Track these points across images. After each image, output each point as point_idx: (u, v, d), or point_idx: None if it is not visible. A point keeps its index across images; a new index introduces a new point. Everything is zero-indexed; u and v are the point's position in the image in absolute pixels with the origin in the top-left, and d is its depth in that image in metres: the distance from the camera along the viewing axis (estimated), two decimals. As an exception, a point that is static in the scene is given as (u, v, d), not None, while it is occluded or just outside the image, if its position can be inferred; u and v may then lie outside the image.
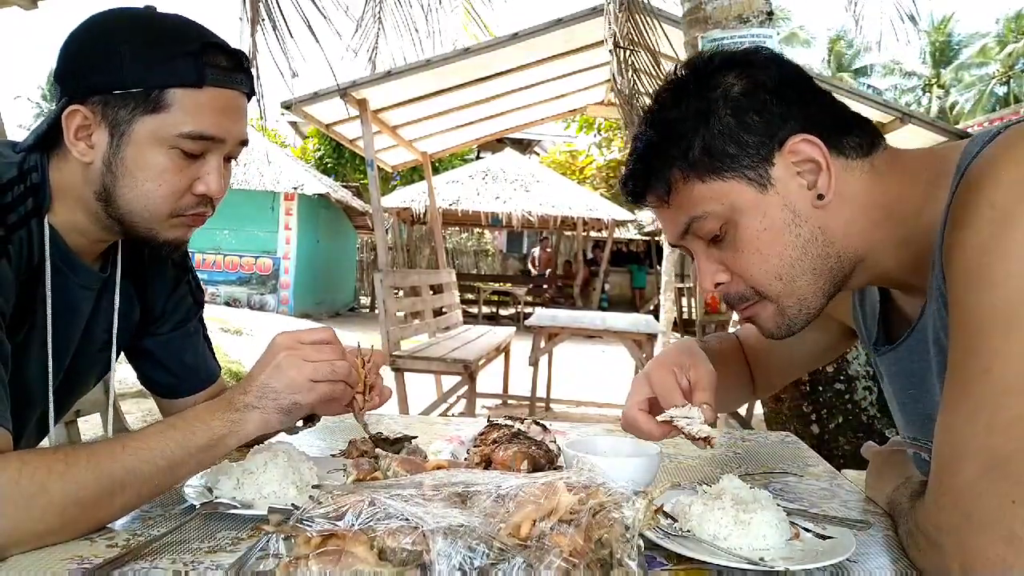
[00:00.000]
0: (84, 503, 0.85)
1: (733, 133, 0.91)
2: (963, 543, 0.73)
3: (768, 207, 0.91)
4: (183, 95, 0.98)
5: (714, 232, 0.95)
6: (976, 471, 0.73)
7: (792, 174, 0.91)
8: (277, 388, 0.95)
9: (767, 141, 0.91)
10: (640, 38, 4.49)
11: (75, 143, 1.00)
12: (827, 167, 0.90)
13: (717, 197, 0.93)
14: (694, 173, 0.93)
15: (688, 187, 0.94)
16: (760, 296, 0.96)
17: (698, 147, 0.92)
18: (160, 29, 1.01)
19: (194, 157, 1.02)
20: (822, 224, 0.92)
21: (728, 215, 0.93)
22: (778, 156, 0.91)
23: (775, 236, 0.92)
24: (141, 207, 1.02)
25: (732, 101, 0.92)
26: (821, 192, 0.91)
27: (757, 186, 0.91)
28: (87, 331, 1.14)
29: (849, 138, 0.93)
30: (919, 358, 0.96)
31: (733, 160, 0.91)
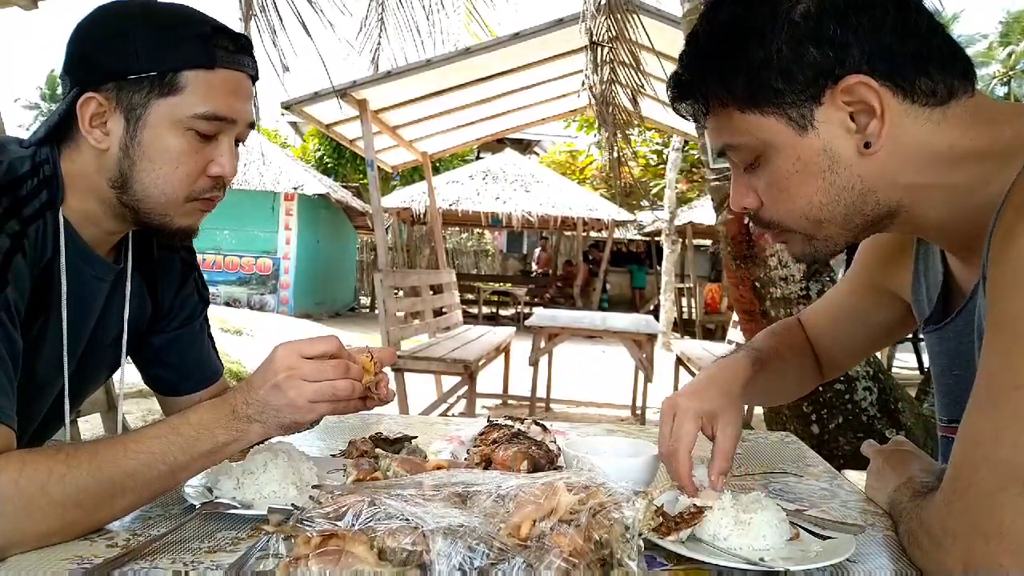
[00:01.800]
0: (84, 505, 0.85)
1: (784, 66, 0.82)
2: (969, 549, 0.72)
3: (804, 150, 0.85)
4: (196, 77, 1.00)
5: (746, 162, 0.90)
6: (994, 484, 0.72)
7: (842, 115, 0.83)
8: (277, 407, 0.93)
9: (820, 78, 0.82)
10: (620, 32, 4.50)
11: (90, 131, 1.01)
12: (882, 114, 0.82)
13: (753, 130, 0.87)
14: (733, 102, 0.86)
15: (725, 113, 0.88)
16: (787, 228, 0.92)
17: (743, 76, 0.84)
18: (169, 14, 1.03)
19: (207, 139, 1.03)
20: (864, 172, 0.85)
21: (762, 150, 0.87)
22: (829, 94, 0.82)
23: (806, 179, 0.86)
24: (158, 191, 1.03)
25: (792, 26, 0.82)
26: (869, 140, 0.83)
27: (797, 127, 0.84)
28: (100, 324, 1.15)
29: (924, 80, 0.82)
30: (967, 339, 0.92)
31: (777, 96, 0.83)
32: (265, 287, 14.03)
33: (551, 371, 6.55)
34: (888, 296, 1.17)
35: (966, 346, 0.93)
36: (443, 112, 6.43)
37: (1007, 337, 0.74)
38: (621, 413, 6.50)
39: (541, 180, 14.94)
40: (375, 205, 5.63)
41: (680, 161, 12.40)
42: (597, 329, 6.06)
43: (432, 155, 7.82)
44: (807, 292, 3.08)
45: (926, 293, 1.06)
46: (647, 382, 5.62)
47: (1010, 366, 0.73)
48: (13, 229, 0.95)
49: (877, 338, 1.29)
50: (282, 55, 4.02)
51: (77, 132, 1.02)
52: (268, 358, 0.95)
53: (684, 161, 13.99)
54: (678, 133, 8.93)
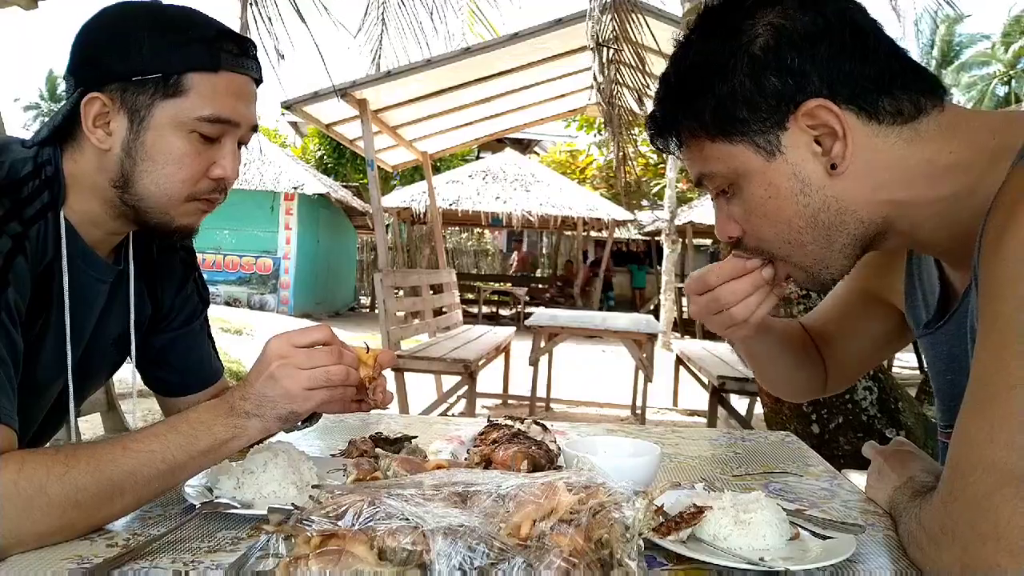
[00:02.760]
0: (83, 505, 0.85)
1: (747, 96, 0.86)
2: (967, 550, 0.73)
3: (774, 176, 0.88)
4: (200, 79, 1.01)
5: (722, 188, 0.93)
6: (991, 485, 0.72)
7: (807, 139, 0.86)
8: (273, 398, 0.93)
9: (782, 105, 0.85)
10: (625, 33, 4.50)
11: (93, 131, 1.02)
12: (843, 135, 0.84)
13: (723, 159, 0.90)
14: (702, 131, 0.90)
15: (697, 143, 0.92)
16: (772, 256, 0.94)
17: (710, 107, 0.88)
18: (174, 17, 1.04)
19: (210, 141, 1.04)
20: (837, 192, 0.87)
21: (734, 177, 0.90)
22: (792, 120, 0.85)
23: (781, 204, 0.88)
24: (160, 192, 1.04)
25: (752, 59, 0.85)
26: (835, 161, 0.85)
27: (765, 153, 0.87)
28: (100, 325, 1.15)
29: (887, 100, 0.85)
30: (959, 342, 0.92)
31: (743, 124, 0.87)
32: (265, 287, 14.03)
33: (551, 371, 6.54)
34: (882, 306, 1.16)
35: (959, 349, 0.93)
36: (443, 112, 6.44)
37: (999, 338, 0.75)
38: (621, 413, 6.50)
39: (541, 180, 14.94)
40: (375, 205, 5.64)
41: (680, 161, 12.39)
42: (597, 329, 6.06)
43: (432, 155, 7.82)
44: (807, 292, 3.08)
45: (922, 299, 1.06)
46: (647, 382, 5.62)
47: (1003, 367, 0.73)
48: (15, 230, 0.96)
49: (875, 347, 1.26)
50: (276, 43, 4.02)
51: (80, 132, 1.03)
52: (261, 352, 0.96)
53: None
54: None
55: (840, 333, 1.24)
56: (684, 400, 6.74)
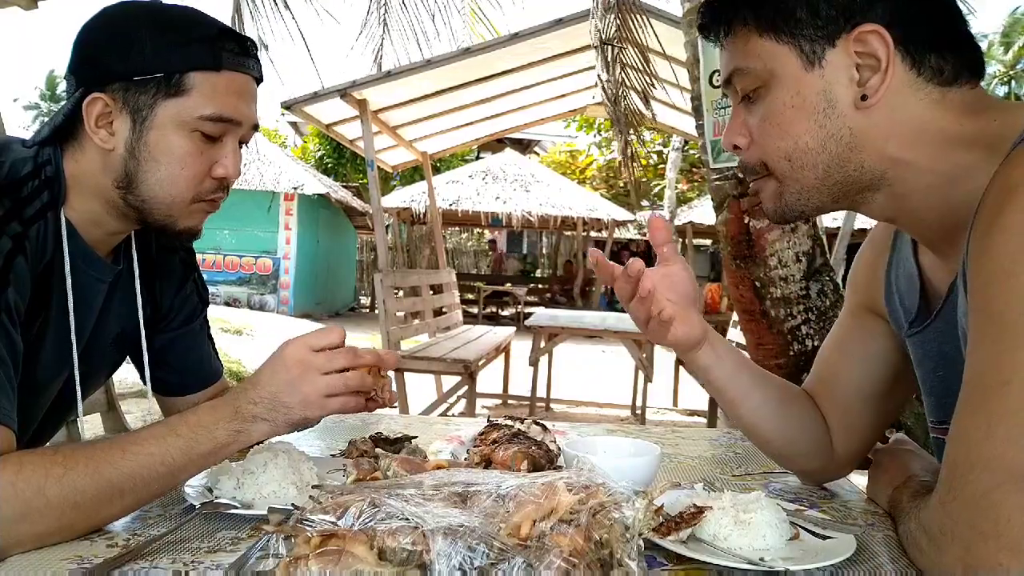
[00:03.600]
0: (82, 506, 0.84)
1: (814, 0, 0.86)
2: (968, 549, 0.72)
3: (805, 86, 0.87)
4: (202, 79, 1.01)
5: (748, 90, 0.92)
6: (989, 482, 0.71)
7: (849, 62, 0.86)
8: (289, 404, 0.93)
9: (840, 19, 0.85)
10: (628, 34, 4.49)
11: (96, 131, 1.02)
12: (885, 70, 0.84)
13: (763, 56, 0.89)
14: (755, 24, 0.89)
15: (744, 35, 0.91)
16: (767, 172, 0.94)
17: (774, 1, 0.88)
18: (175, 16, 1.04)
19: (212, 140, 1.04)
20: (855, 126, 0.87)
21: (765, 79, 0.90)
22: (843, 39, 0.85)
23: (798, 117, 0.88)
24: (164, 192, 1.04)
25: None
26: (866, 93, 0.85)
27: (805, 61, 0.87)
28: (99, 325, 1.14)
29: (934, 57, 0.85)
30: (949, 339, 0.91)
31: (796, 25, 0.87)
32: (265, 287, 14.04)
33: (551, 371, 6.55)
34: (874, 319, 1.12)
35: (948, 346, 0.92)
36: (443, 112, 6.44)
37: (993, 333, 0.74)
38: (621, 413, 6.50)
39: (541, 180, 14.95)
40: (375, 205, 5.64)
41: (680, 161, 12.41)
42: (597, 329, 6.06)
43: (432, 155, 7.82)
44: (807, 292, 3.08)
45: (899, 301, 1.05)
46: (647, 382, 5.62)
47: (997, 362, 0.73)
48: (15, 230, 0.95)
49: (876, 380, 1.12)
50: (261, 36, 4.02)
51: (82, 132, 1.03)
52: (277, 356, 0.94)
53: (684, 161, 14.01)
54: (678, 133, 8.93)
55: (840, 357, 1.15)
56: (684, 400, 6.74)
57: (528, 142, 22.93)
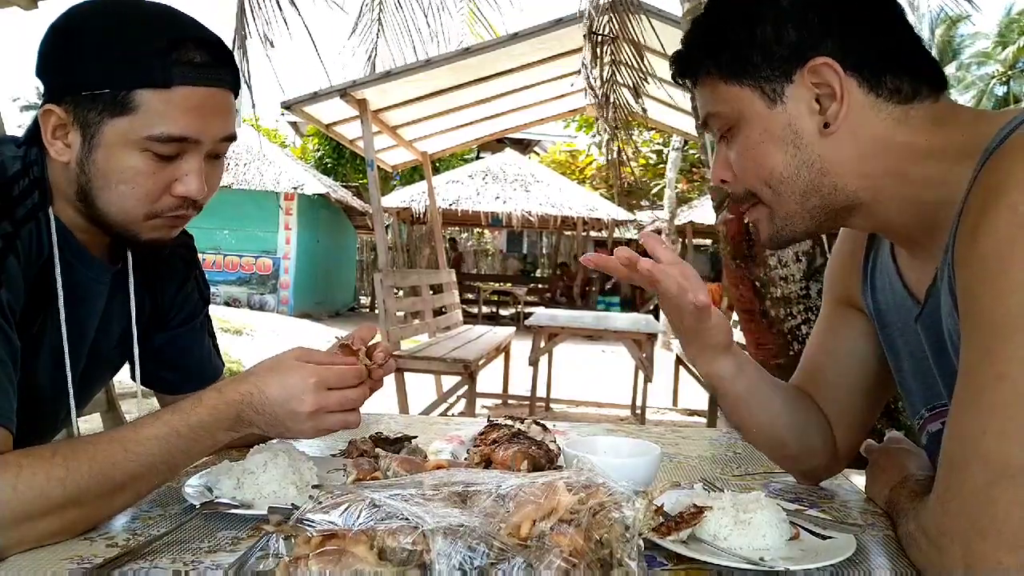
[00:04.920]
0: (84, 505, 0.85)
1: (765, 44, 0.91)
2: (968, 548, 0.72)
3: (771, 122, 0.93)
4: (151, 96, 0.94)
5: (723, 130, 0.98)
6: (986, 478, 0.72)
7: (809, 94, 0.91)
8: (291, 428, 0.95)
9: (793, 57, 0.90)
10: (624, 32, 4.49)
11: (52, 143, 0.98)
12: (841, 97, 0.89)
13: (730, 100, 0.95)
14: (718, 73, 0.95)
15: (710, 83, 0.97)
16: (756, 201, 0.98)
17: (730, 51, 0.94)
18: (129, 25, 0.97)
19: (169, 158, 0.97)
20: (823, 152, 0.91)
21: (735, 120, 0.95)
22: (798, 74, 0.91)
23: (770, 150, 0.93)
24: (117, 209, 0.99)
25: (778, 12, 0.91)
26: (828, 121, 0.90)
27: (767, 100, 0.92)
28: (103, 326, 1.14)
29: (890, 77, 0.90)
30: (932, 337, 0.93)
31: (755, 69, 0.92)
32: (265, 287, 14.03)
33: (551, 371, 6.55)
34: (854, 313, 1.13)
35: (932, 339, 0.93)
36: (443, 112, 6.43)
37: (984, 331, 0.75)
38: (621, 413, 6.50)
39: (541, 180, 14.95)
40: (375, 205, 5.64)
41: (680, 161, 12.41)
42: (597, 329, 6.06)
43: (432, 155, 7.82)
44: (807, 292, 3.08)
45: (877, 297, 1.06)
46: (647, 382, 5.62)
47: (990, 359, 0.74)
48: (5, 230, 0.94)
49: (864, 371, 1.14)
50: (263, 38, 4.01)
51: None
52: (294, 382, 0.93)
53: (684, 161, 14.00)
54: (678, 133, 8.93)
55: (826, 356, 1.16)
56: (684, 400, 6.75)
57: (528, 142, 22.93)
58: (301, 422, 0.94)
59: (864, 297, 1.09)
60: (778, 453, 1.17)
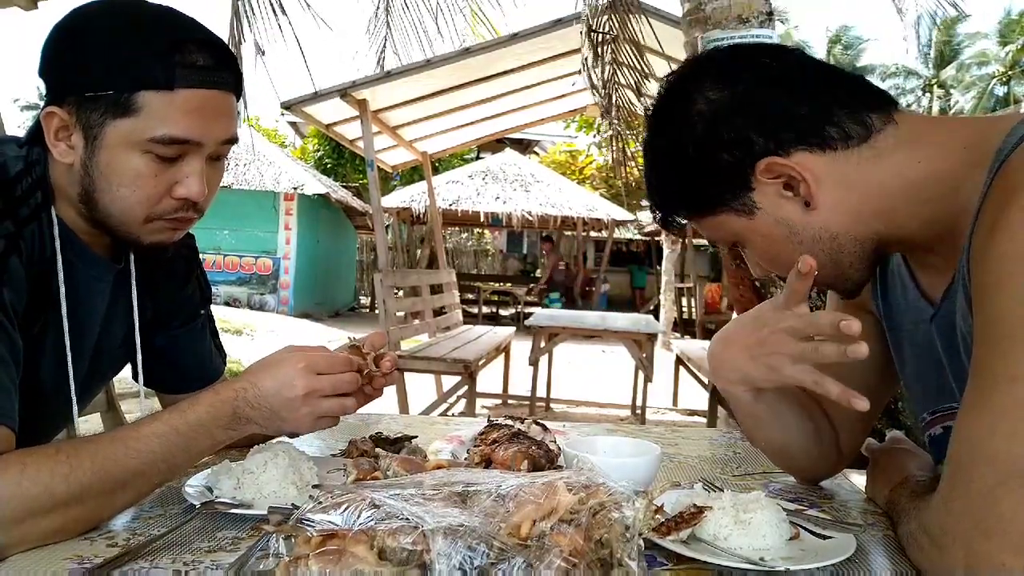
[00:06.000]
0: (86, 502, 0.85)
1: (708, 177, 0.95)
2: (970, 548, 0.72)
3: (762, 227, 0.95)
4: (153, 98, 0.94)
5: (731, 245, 1.02)
6: (993, 479, 0.71)
7: (775, 188, 0.92)
8: (285, 419, 0.97)
9: (738, 173, 0.93)
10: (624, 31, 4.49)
11: (55, 144, 0.98)
12: (803, 177, 0.90)
13: (717, 228, 0.99)
14: (690, 214, 1.01)
15: (694, 221, 1.02)
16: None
17: (683, 196, 1.00)
18: (133, 26, 0.97)
19: (171, 160, 0.98)
20: (824, 222, 0.92)
21: (734, 239, 1.00)
22: (754, 180, 0.93)
23: (780, 248, 0.96)
24: (118, 211, 0.99)
25: (696, 146, 0.94)
26: (807, 199, 0.92)
27: (746, 214, 0.95)
28: (105, 326, 1.14)
29: (832, 129, 0.90)
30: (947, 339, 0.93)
31: (716, 198, 0.96)
32: (265, 287, 14.03)
33: (551, 371, 6.55)
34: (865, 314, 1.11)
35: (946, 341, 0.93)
36: (443, 112, 6.44)
37: (996, 333, 0.75)
38: (621, 413, 6.50)
39: (541, 180, 14.94)
40: (375, 205, 5.64)
41: (680, 161, 12.37)
42: (597, 329, 6.06)
43: (432, 155, 7.82)
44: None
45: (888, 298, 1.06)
46: (647, 382, 5.62)
47: (1002, 360, 0.74)
48: (7, 230, 0.95)
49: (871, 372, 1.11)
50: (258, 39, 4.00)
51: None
52: (283, 373, 0.96)
53: (684, 161, 13.94)
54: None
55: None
56: (684, 400, 6.74)
57: (528, 142, 22.93)
58: (296, 409, 0.96)
59: (874, 299, 1.09)
60: (784, 463, 1.20)
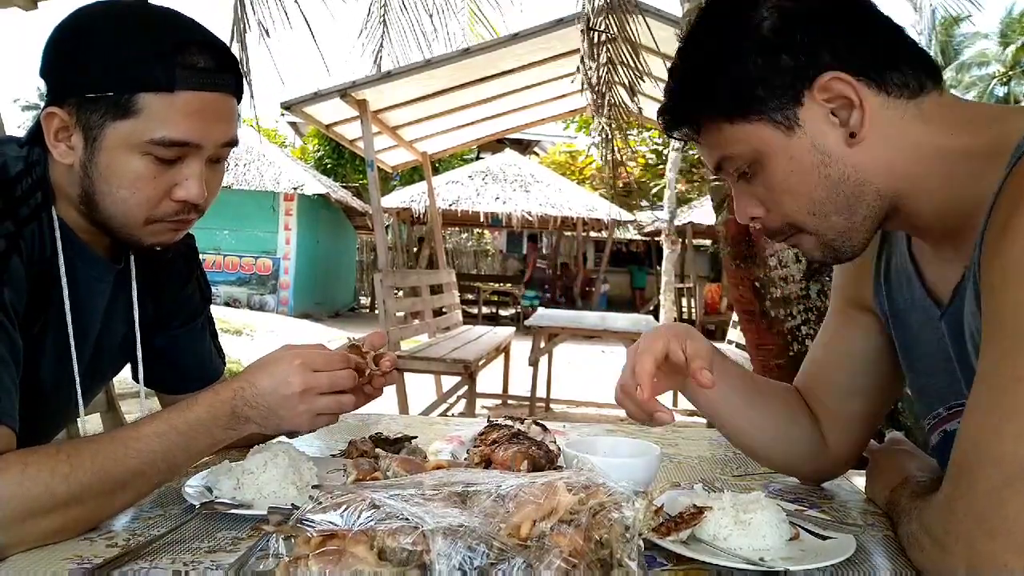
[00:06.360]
0: (86, 502, 0.85)
1: (761, 76, 0.88)
2: (973, 548, 0.71)
3: (795, 149, 0.89)
4: (154, 99, 0.94)
5: (742, 170, 0.93)
6: (999, 479, 0.71)
7: (824, 112, 0.88)
8: (284, 417, 0.98)
9: (796, 82, 0.87)
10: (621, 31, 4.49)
11: (55, 144, 0.98)
12: (860, 104, 0.86)
13: (743, 139, 0.91)
14: (720, 115, 0.91)
15: (716, 127, 0.92)
16: (797, 230, 0.94)
17: (725, 90, 0.90)
18: (134, 28, 0.97)
19: (171, 162, 0.97)
20: (857, 162, 0.88)
21: (755, 157, 0.91)
22: (808, 95, 0.87)
23: (803, 178, 0.90)
24: (119, 212, 0.99)
25: (762, 40, 0.88)
26: (853, 130, 0.87)
27: (784, 129, 0.88)
28: (105, 325, 1.14)
29: (894, 74, 0.87)
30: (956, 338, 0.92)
31: (760, 103, 0.88)
32: (265, 287, 14.04)
33: (551, 371, 6.54)
34: (862, 313, 1.12)
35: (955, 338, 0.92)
36: (443, 112, 6.44)
37: (1005, 331, 0.74)
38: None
39: (541, 180, 14.95)
40: (375, 205, 5.64)
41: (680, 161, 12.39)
42: (597, 329, 6.06)
43: (432, 155, 7.82)
44: (807, 292, 3.08)
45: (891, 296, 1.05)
46: (647, 382, 5.61)
47: (1009, 361, 0.73)
48: (8, 230, 0.95)
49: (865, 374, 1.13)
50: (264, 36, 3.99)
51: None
52: (280, 370, 0.97)
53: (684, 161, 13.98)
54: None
55: (832, 357, 1.16)
56: (684, 400, 6.71)
57: (528, 142, 22.93)
58: (293, 407, 0.96)
59: (877, 298, 1.08)
60: (764, 460, 1.22)
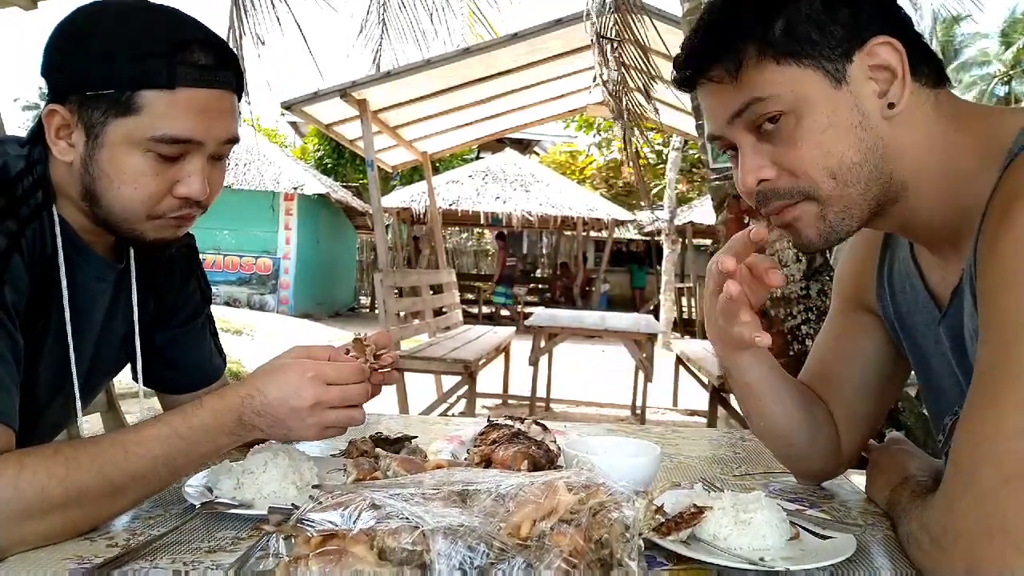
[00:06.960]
0: (85, 506, 0.85)
1: (820, 19, 0.86)
2: (972, 547, 0.71)
3: (838, 104, 0.86)
4: (155, 97, 0.94)
5: (769, 116, 0.88)
6: (998, 479, 0.71)
7: (866, 76, 0.86)
8: (292, 428, 0.95)
9: (852, 35, 0.86)
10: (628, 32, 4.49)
11: (56, 142, 0.99)
12: (903, 76, 0.86)
13: (788, 83, 0.86)
14: (771, 52, 0.87)
15: (760, 66, 0.87)
16: (805, 196, 0.89)
17: (781, 25, 0.86)
18: (135, 26, 0.97)
19: (173, 159, 0.98)
20: (885, 137, 0.87)
21: (794, 105, 0.87)
22: (857, 54, 0.86)
23: (840, 135, 0.86)
24: (120, 209, 0.99)
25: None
26: (892, 100, 0.86)
27: (832, 80, 0.86)
28: (106, 325, 1.13)
29: (925, 59, 0.88)
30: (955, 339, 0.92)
31: (814, 47, 0.86)
32: (265, 287, 14.04)
33: (551, 371, 6.55)
34: (867, 315, 1.13)
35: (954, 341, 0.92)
36: (443, 112, 6.44)
37: (1003, 330, 0.74)
38: (621, 413, 6.50)
39: (541, 180, 14.96)
40: (375, 205, 5.64)
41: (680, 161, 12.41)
42: (597, 329, 6.06)
43: (432, 155, 7.82)
44: (807, 292, 3.08)
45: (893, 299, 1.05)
46: (647, 382, 5.62)
47: (1007, 359, 0.73)
48: (9, 229, 0.95)
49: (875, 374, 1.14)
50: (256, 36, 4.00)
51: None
52: (290, 381, 0.94)
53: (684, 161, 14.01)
54: (679, 133, 8.92)
55: (834, 357, 1.16)
56: (684, 400, 6.74)
57: (528, 142, 22.93)
58: (302, 419, 0.94)
59: (880, 300, 1.08)
60: (784, 451, 1.17)
